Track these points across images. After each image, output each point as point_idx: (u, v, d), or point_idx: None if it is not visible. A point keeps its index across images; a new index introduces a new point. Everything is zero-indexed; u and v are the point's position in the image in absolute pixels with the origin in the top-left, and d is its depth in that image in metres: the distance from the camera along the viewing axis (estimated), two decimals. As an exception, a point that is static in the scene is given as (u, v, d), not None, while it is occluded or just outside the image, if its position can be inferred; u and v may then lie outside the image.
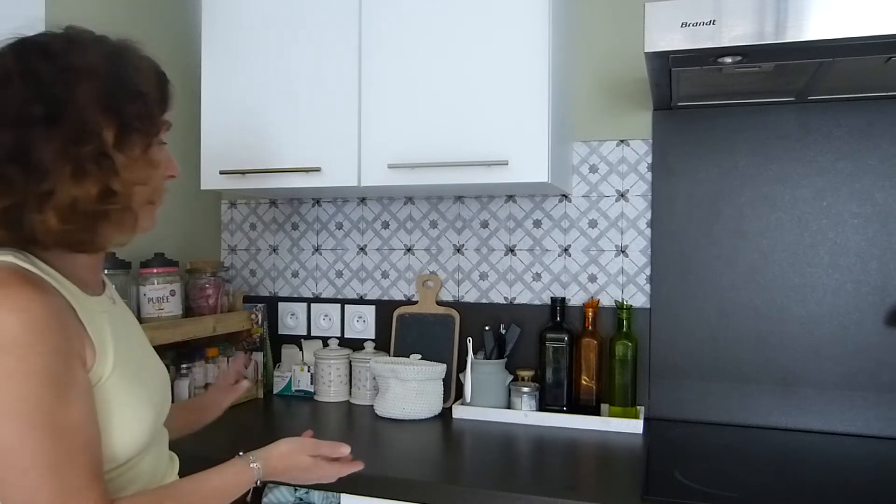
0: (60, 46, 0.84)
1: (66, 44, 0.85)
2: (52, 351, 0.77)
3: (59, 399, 0.77)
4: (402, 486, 1.25)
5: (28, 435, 0.75)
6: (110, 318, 0.91)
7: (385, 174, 1.57)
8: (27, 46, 0.84)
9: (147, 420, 0.91)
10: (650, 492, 1.19)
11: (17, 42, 0.85)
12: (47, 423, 0.76)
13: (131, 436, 0.88)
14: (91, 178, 0.81)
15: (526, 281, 1.85)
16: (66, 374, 0.78)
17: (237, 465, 0.96)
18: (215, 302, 1.81)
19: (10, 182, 0.79)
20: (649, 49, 1.21)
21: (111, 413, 0.85)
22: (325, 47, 1.63)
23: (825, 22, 1.13)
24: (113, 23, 1.74)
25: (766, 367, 1.63)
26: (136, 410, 0.89)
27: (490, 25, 1.50)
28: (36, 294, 0.77)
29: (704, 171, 1.68)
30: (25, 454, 0.75)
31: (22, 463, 0.75)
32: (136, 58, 0.89)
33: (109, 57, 0.85)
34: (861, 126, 1.58)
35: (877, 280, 1.57)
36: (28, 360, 0.75)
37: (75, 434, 0.78)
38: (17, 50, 0.84)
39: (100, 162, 0.81)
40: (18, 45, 0.85)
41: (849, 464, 1.40)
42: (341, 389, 1.88)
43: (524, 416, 1.66)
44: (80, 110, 0.81)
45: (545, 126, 1.47)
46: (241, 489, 0.96)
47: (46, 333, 0.77)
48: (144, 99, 0.87)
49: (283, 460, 1.01)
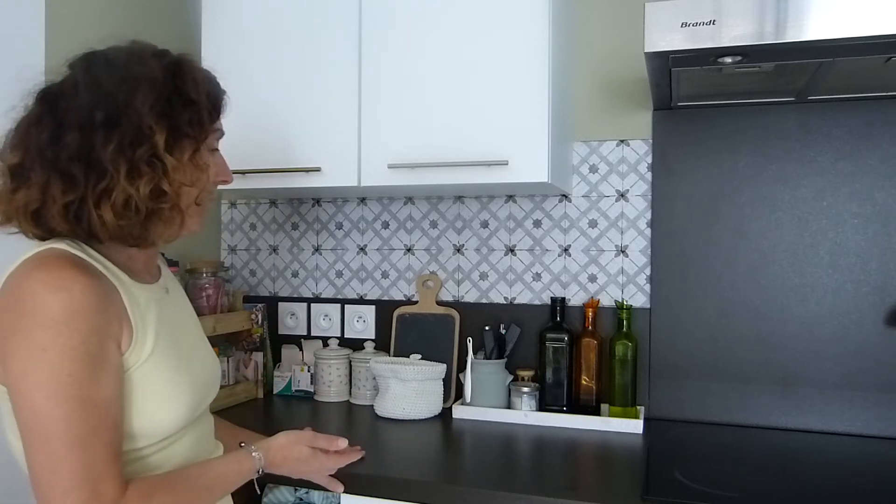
0: (123, 58, 0.92)
1: (128, 56, 0.93)
2: (88, 329, 0.82)
3: (91, 376, 0.82)
4: (402, 486, 1.25)
5: (58, 405, 0.80)
6: (160, 305, 0.98)
7: (385, 174, 1.57)
8: (95, 58, 0.93)
9: (183, 404, 0.96)
10: (650, 492, 1.19)
11: (87, 54, 0.94)
12: (78, 397, 0.81)
13: (165, 417, 0.93)
14: (144, 178, 0.88)
15: (526, 281, 1.85)
16: (100, 354, 0.84)
17: (240, 454, 1.01)
18: (215, 302, 1.81)
19: (73, 180, 0.86)
20: (649, 49, 1.21)
21: (146, 394, 0.90)
22: (325, 47, 1.63)
23: (825, 22, 1.13)
24: (113, 22, 1.75)
25: (766, 367, 1.63)
26: (173, 394, 0.94)
27: (490, 25, 1.50)
28: (79, 276, 0.83)
29: (704, 171, 1.68)
30: (54, 423, 0.80)
31: (49, 430, 0.80)
32: (193, 69, 0.98)
33: (166, 68, 0.93)
34: (861, 126, 1.58)
35: (877, 280, 1.57)
36: (64, 336, 0.81)
37: (103, 411, 0.83)
38: (86, 62, 0.93)
39: (152, 163, 0.89)
40: (88, 56, 0.94)
41: (849, 464, 1.40)
42: (341, 389, 1.88)
43: (524, 416, 1.66)
44: (136, 116, 0.88)
45: (545, 126, 1.47)
46: (243, 477, 1.01)
47: (84, 313, 0.82)
48: (195, 107, 0.95)
49: (282, 451, 1.06)
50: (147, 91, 0.90)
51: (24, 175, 0.88)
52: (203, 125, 0.96)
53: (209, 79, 1.00)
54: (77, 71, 0.92)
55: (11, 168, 0.89)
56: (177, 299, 1.09)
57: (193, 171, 0.95)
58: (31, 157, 0.88)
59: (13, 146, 0.90)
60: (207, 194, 1.01)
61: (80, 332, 0.81)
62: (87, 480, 0.80)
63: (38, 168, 0.87)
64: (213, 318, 1.77)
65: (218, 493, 0.97)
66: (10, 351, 0.82)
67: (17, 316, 0.82)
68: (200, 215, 1.02)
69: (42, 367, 0.80)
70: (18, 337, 0.81)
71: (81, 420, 0.81)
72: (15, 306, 0.83)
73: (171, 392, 0.94)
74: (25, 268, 0.85)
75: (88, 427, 0.81)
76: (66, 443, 0.80)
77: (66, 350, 0.80)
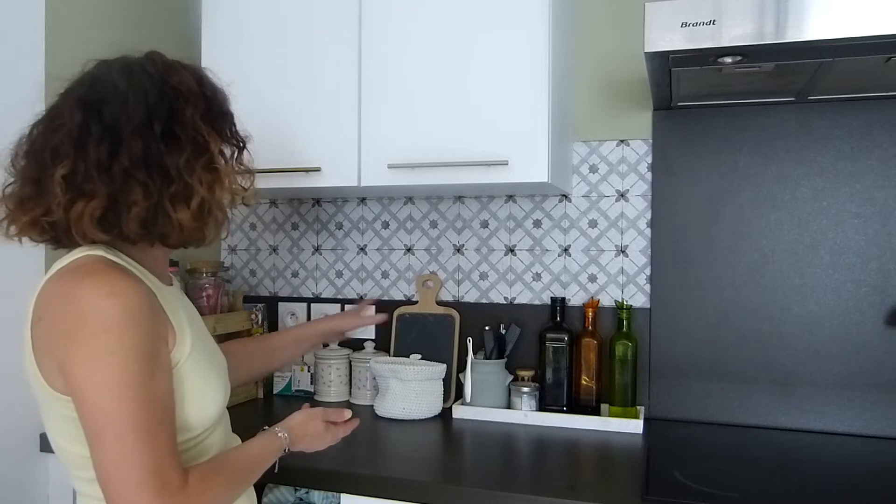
0: (158, 69, 0.96)
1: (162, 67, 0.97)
2: (145, 332, 0.88)
3: (151, 375, 0.87)
4: (402, 486, 1.25)
5: (126, 405, 0.84)
6: (184, 305, 1.04)
7: (385, 174, 1.57)
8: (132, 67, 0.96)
9: (220, 393, 1.03)
10: (650, 492, 1.19)
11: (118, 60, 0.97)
12: (142, 395, 0.85)
13: (207, 411, 0.99)
14: (215, 183, 0.96)
15: (526, 281, 1.85)
16: (156, 354, 0.89)
17: (267, 436, 1.07)
18: (215, 302, 1.81)
19: (147, 186, 0.91)
20: (649, 49, 1.21)
21: (190, 390, 0.96)
22: (326, 47, 1.63)
23: (825, 22, 1.13)
24: (113, 22, 1.75)
25: (766, 367, 1.63)
26: (211, 388, 1.00)
27: (490, 25, 1.50)
28: (128, 282, 0.88)
29: (704, 171, 1.68)
30: (122, 421, 0.84)
31: (119, 428, 0.84)
32: (214, 84, 1.03)
33: (198, 80, 1.00)
34: (861, 126, 1.58)
35: (877, 280, 1.57)
36: (126, 339, 0.85)
37: (163, 407, 0.88)
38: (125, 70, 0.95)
39: (212, 170, 0.96)
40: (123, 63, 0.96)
41: (849, 464, 1.40)
42: (341, 389, 1.88)
43: (524, 416, 1.66)
44: (192, 126, 0.94)
45: (545, 126, 1.47)
46: (274, 455, 1.06)
47: (140, 316, 0.87)
48: (230, 117, 1.03)
49: (302, 428, 1.12)
50: (195, 102, 0.96)
51: (80, 183, 0.89)
52: (238, 134, 1.04)
53: (224, 89, 1.06)
54: (114, 77, 0.94)
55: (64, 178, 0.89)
56: (187, 300, 1.14)
57: (237, 176, 1.03)
58: (86, 165, 0.89)
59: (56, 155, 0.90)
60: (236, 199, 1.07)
61: (138, 334, 0.86)
62: (157, 472, 0.84)
63: (99, 176, 0.89)
64: (213, 318, 1.77)
65: (257, 472, 1.03)
66: (73, 356, 0.85)
67: (77, 324, 0.85)
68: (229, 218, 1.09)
69: (108, 370, 0.84)
70: (79, 343, 0.85)
71: (147, 416, 0.85)
72: (71, 314, 0.86)
73: (210, 384, 1.00)
74: (73, 276, 0.89)
75: (154, 422, 0.86)
76: (136, 439, 0.84)
77: (129, 352, 0.85)
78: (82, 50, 1.02)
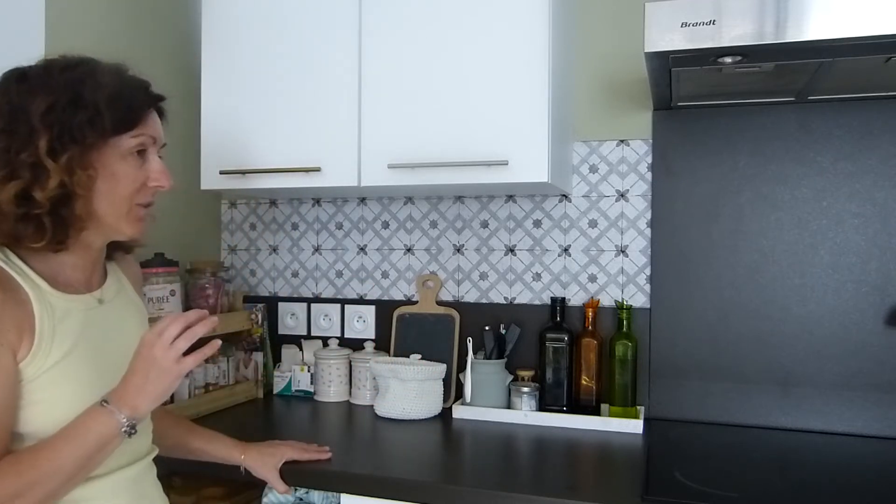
0: (35, 71, 0.94)
1: (43, 69, 0.94)
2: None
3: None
4: (402, 486, 1.25)
5: None
6: (86, 316, 0.98)
7: (385, 174, 1.57)
8: (11, 74, 0.95)
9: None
10: (650, 492, 1.19)
11: (12, 70, 0.96)
12: None
13: (58, 425, 0.91)
14: (16, 182, 0.89)
15: (526, 281, 1.85)
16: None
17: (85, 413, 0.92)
18: (215, 302, 1.81)
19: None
20: (649, 49, 1.21)
21: (44, 400, 0.91)
22: (325, 47, 1.63)
23: (825, 22, 1.12)
24: (113, 23, 1.75)
25: (766, 367, 1.63)
26: (73, 404, 0.92)
27: (490, 25, 1.50)
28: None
29: (704, 171, 1.68)
30: None
31: None
32: (104, 75, 0.96)
33: (75, 77, 0.93)
34: (861, 126, 1.58)
35: (877, 280, 1.57)
36: None
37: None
38: (4, 78, 0.95)
39: (34, 168, 0.90)
40: (10, 72, 0.96)
41: (849, 464, 1.40)
42: (341, 389, 1.88)
43: (524, 416, 1.66)
44: (26, 121, 0.90)
45: (545, 126, 1.47)
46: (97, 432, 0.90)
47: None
48: (89, 111, 0.92)
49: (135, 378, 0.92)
50: (43, 97, 0.91)
51: None
52: (102, 129, 0.93)
53: (124, 83, 0.97)
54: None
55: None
56: (115, 312, 1.05)
57: (91, 176, 0.93)
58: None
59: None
60: (131, 199, 0.98)
61: None
62: None
63: None
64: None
65: (70, 460, 0.89)
66: None
67: None
68: (136, 221, 1.00)
69: None
70: None
71: None
72: None
73: (75, 402, 0.92)
74: None
75: None
76: None
77: None
78: (82, 50, 1.02)
